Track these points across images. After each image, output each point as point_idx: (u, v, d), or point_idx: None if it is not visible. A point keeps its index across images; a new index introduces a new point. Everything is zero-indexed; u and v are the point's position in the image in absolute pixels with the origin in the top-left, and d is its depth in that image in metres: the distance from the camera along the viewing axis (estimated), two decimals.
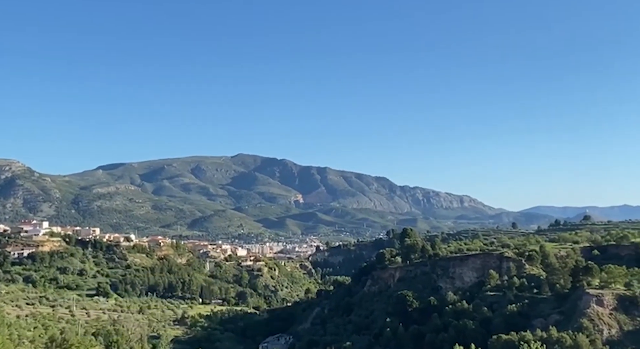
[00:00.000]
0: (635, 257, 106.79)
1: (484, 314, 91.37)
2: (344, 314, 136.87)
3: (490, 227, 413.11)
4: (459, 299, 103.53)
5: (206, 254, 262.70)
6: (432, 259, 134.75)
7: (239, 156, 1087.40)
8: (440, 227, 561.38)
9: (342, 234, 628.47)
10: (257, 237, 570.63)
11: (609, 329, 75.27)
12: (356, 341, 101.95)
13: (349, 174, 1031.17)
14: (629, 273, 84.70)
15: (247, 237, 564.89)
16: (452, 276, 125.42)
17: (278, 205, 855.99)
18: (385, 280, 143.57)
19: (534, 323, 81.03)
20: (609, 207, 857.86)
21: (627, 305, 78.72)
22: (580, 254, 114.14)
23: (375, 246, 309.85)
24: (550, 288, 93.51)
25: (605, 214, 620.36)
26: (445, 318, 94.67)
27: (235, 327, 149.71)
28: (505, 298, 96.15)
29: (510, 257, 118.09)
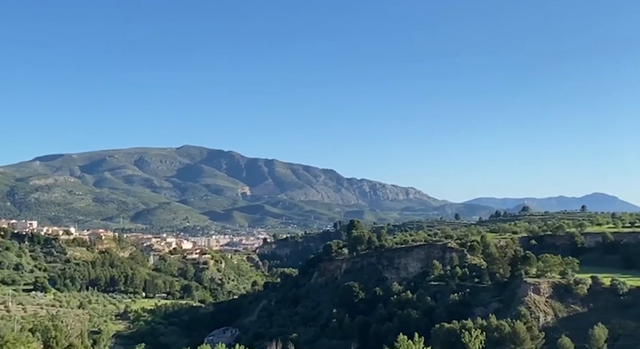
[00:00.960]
0: (569, 247, 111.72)
1: (428, 304, 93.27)
2: (291, 306, 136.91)
3: (434, 218, 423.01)
4: (404, 289, 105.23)
5: (150, 247, 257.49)
6: (378, 251, 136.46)
7: (185, 147, 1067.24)
8: (387, 219, 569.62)
9: (289, 226, 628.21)
10: (203, 230, 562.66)
11: (545, 316, 78.36)
12: (303, 333, 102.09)
13: (297, 166, 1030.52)
14: (563, 261, 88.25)
15: (193, 230, 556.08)
16: (397, 266, 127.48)
17: (225, 197, 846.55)
18: (332, 272, 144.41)
19: (475, 312, 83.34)
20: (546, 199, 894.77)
21: (562, 293, 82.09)
22: (519, 244, 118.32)
23: (322, 238, 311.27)
24: (491, 277, 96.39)
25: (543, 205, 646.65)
26: (390, 308, 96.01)
27: (179, 321, 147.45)
28: (448, 288, 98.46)
29: (453, 247, 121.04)
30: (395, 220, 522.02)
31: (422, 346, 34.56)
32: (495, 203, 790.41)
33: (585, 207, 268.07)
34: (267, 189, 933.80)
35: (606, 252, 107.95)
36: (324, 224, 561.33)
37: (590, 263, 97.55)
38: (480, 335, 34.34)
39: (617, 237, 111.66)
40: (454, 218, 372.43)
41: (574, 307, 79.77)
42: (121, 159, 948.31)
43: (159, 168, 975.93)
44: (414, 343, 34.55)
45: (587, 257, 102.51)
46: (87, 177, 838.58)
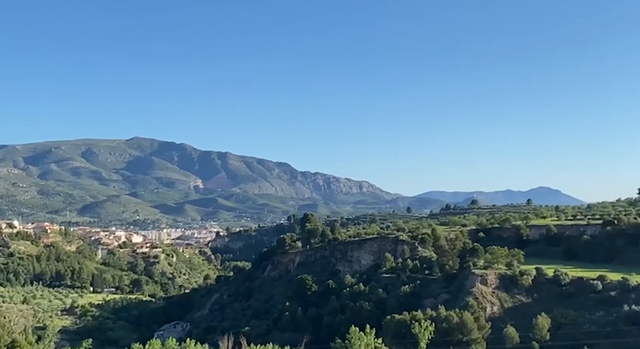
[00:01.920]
0: (515, 239, 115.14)
1: (379, 296, 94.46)
2: (244, 299, 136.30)
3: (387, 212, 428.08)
4: (356, 281, 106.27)
5: (98, 241, 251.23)
6: (332, 244, 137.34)
7: (135, 139, 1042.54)
8: (340, 212, 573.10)
9: (243, 219, 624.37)
10: (154, 224, 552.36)
11: (492, 307, 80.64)
12: (255, 326, 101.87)
13: (251, 160, 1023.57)
14: (510, 253, 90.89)
15: (144, 224, 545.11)
16: (350, 259, 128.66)
17: (177, 190, 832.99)
18: (286, 265, 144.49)
19: (425, 303, 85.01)
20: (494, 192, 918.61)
21: (508, 283, 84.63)
22: (468, 236, 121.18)
23: (276, 232, 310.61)
24: (440, 269, 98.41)
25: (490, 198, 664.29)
26: (343, 301, 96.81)
27: (129, 316, 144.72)
28: (399, 280, 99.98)
29: (405, 240, 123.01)
30: (348, 213, 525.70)
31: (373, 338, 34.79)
32: (446, 197, 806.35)
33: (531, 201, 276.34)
34: (220, 182, 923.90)
35: (550, 244, 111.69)
36: (277, 218, 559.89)
37: (535, 255, 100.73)
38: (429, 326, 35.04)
39: (560, 229, 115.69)
40: (406, 211, 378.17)
41: (519, 297, 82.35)
42: (68, 151, 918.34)
43: (107, 160, 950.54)
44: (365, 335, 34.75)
45: (532, 249, 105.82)
46: (31, 169, 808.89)
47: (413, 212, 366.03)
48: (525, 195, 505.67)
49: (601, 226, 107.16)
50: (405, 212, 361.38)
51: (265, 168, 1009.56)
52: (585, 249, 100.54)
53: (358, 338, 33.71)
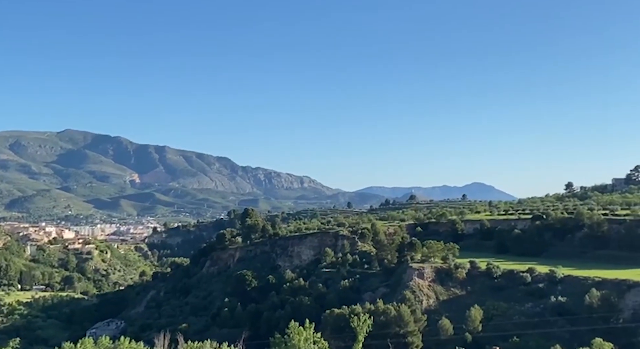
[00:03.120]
0: (451, 233, 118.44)
1: (319, 290, 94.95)
2: (181, 296, 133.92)
3: (327, 207, 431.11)
4: (297, 276, 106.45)
5: (27, 237, 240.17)
6: (272, 239, 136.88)
7: (67, 131, 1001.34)
8: (281, 208, 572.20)
9: (181, 214, 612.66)
10: (87, 219, 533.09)
11: (428, 299, 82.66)
12: (193, 323, 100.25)
13: (190, 154, 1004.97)
14: (445, 247, 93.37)
15: (76, 219, 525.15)
16: (290, 254, 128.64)
17: (111, 185, 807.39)
18: (225, 260, 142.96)
19: (364, 297, 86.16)
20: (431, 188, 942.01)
21: (443, 277, 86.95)
22: (406, 231, 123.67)
23: (215, 227, 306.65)
24: (379, 263, 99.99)
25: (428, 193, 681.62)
26: (283, 296, 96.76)
27: (60, 314, 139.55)
28: (339, 274, 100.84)
29: (345, 235, 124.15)
30: (289, 208, 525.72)
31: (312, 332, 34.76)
32: (386, 192, 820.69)
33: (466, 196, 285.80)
34: (157, 176, 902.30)
35: (483, 238, 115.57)
36: (217, 213, 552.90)
37: (469, 248, 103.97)
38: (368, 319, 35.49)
39: (492, 224, 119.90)
40: (346, 206, 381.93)
41: (454, 290, 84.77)
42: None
43: (37, 153, 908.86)
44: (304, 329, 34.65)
45: (466, 243, 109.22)
46: None
47: (353, 208, 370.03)
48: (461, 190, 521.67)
49: (531, 221, 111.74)
50: (345, 208, 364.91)
51: (205, 163, 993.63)
52: (516, 242, 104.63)
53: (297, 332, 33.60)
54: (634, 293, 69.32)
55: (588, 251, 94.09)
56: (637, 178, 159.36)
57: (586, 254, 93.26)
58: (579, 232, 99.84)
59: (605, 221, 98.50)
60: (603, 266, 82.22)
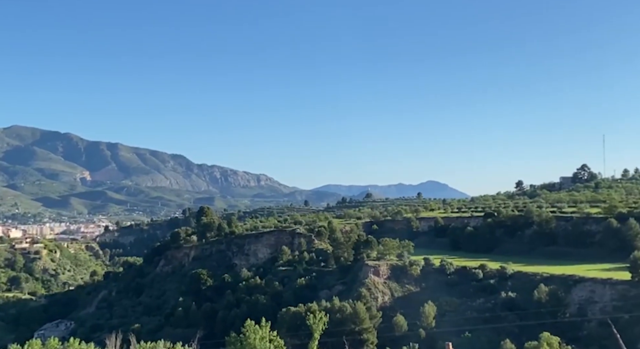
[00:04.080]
0: (406, 231, 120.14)
1: (276, 289, 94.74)
2: (134, 296, 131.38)
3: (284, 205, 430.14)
4: (253, 275, 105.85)
5: None
6: (228, 237, 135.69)
7: (14, 127, 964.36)
8: (238, 206, 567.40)
9: (134, 213, 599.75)
10: (35, 218, 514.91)
11: (383, 296, 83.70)
12: (146, 323, 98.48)
13: (143, 151, 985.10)
14: (401, 244, 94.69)
15: (24, 218, 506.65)
16: (247, 253, 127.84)
17: (61, 183, 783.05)
18: (180, 259, 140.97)
19: (320, 295, 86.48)
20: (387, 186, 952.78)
21: (398, 274, 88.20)
22: (362, 228, 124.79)
23: (170, 226, 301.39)
24: (336, 261, 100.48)
25: (384, 192, 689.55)
26: (239, 294, 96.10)
27: (6, 315, 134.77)
28: (295, 272, 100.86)
29: (302, 233, 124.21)
30: (246, 207, 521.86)
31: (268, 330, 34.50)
32: (342, 190, 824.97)
33: (421, 194, 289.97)
34: (109, 174, 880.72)
35: (437, 235, 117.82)
36: (172, 211, 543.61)
37: (424, 246, 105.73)
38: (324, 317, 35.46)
39: (446, 221, 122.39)
40: (303, 205, 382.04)
41: (409, 287, 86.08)
42: None
43: None
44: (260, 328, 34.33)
45: (421, 240, 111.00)
46: None
47: (310, 206, 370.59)
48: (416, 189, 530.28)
49: (483, 218, 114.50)
50: (302, 206, 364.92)
51: (159, 160, 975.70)
52: (469, 239, 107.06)
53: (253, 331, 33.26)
54: (580, 288, 71.96)
55: (537, 248, 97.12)
56: (583, 177, 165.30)
57: (535, 250, 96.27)
58: (529, 229, 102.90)
59: (553, 218, 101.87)
60: (551, 262, 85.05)
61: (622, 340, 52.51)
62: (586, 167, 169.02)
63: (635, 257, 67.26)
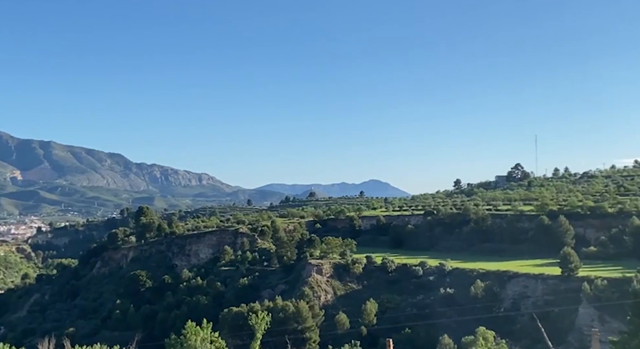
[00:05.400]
0: (349, 229, 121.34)
1: (218, 289, 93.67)
2: (69, 299, 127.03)
3: (227, 204, 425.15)
4: (194, 275, 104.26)
5: None
6: (169, 238, 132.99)
7: None
8: (179, 205, 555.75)
9: (69, 213, 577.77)
10: None
11: (326, 295, 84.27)
12: (81, 327, 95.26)
13: (78, 150, 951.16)
14: (343, 243, 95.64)
15: None
16: (188, 253, 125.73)
17: None
18: (117, 261, 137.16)
19: (263, 294, 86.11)
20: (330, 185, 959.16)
21: (341, 272, 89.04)
22: (306, 227, 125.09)
23: (107, 226, 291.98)
24: (279, 260, 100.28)
25: (327, 191, 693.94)
26: (179, 296, 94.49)
27: None
28: (238, 272, 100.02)
29: (245, 232, 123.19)
30: (187, 206, 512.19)
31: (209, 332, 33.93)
32: (286, 189, 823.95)
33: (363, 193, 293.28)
34: (42, 173, 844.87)
35: (379, 233, 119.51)
36: (109, 212, 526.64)
37: (366, 244, 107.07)
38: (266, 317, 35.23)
39: (388, 220, 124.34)
40: (246, 204, 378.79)
41: (351, 285, 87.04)
42: None
43: None
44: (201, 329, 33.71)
45: (363, 239, 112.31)
46: None
47: (253, 205, 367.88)
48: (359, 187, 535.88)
49: (423, 216, 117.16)
50: (245, 205, 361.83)
51: (95, 159, 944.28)
52: (410, 237, 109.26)
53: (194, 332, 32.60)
54: (514, 283, 74.83)
55: (474, 244, 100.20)
56: (517, 176, 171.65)
57: (472, 247, 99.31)
58: (466, 226, 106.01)
59: (489, 216, 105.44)
60: (487, 258, 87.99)
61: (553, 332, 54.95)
62: (520, 167, 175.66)
63: (565, 253, 70.52)
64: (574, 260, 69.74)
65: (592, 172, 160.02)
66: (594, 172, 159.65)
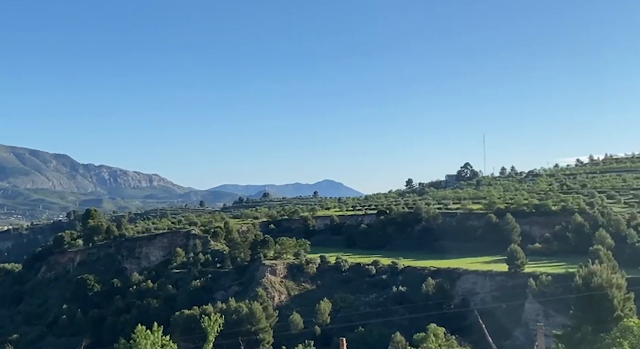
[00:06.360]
0: (303, 229, 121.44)
1: (169, 292, 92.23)
2: (12, 305, 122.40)
3: (179, 205, 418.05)
4: (144, 279, 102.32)
5: None
6: (118, 240, 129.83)
7: None
8: (128, 207, 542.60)
9: (12, 216, 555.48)
10: None
11: (280, 295, 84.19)
12: (26, 333, 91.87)
13: (22, 151, 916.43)
14: (297, 243, 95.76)
15: None
16: (138, 256, 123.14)
17: None
18: (64, 265, 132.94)
19: (216, 296, 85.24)
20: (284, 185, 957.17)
21: (295, 272, 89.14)
22: (259, 228, 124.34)
23: (53, 229, 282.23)
24: (232, 262, 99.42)
25: (281, 191, 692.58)
26: (129, 299, 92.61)
27: None
28: (190, 274, 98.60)
29: (197, 234, 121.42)
30: (137, 208, 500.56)
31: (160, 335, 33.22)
32: (239, 190, 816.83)
33: (317, 193, 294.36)
34: None
35: (333, 233, 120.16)
36: (55, 214, 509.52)
37: (320, 243, 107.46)
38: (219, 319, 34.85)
39: (342, 219, 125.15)
40: (199, 205, 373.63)
41: (305, 285, 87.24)
42: None
43: None
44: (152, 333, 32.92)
45: (317, 238, 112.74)
46: None
47: (206, 206, 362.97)
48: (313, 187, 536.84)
49: (376, 216, 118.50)
50: (198, 206, 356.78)
51: (40, 160, 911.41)
52: (363, 236, 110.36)
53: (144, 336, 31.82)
54: (463, 280, 76.72)
55: (425, 243, 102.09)
56: (466, 175, 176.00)
57: (424, 245, 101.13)
58: (418, 225, 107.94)
59: (439, 214, 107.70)
60: (438, 256, 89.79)
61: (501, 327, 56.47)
62: (469, 166, 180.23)
63: (512, 250, 72.78)
64: (520, 257, 72.08)
65: (537, 171, 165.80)
66: (538, 171, 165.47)
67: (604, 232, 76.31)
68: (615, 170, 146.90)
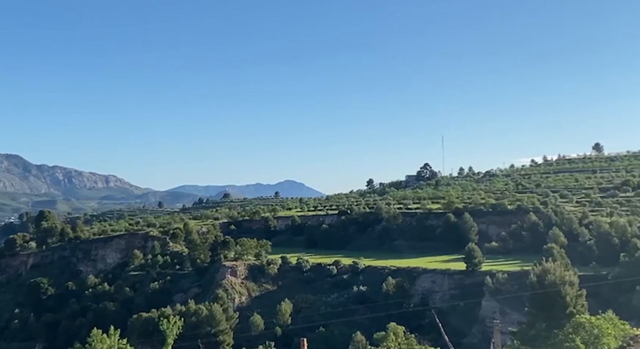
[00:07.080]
0: (264, 230, 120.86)
1: (126, 295, 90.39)
2: None
3: (136, 207, 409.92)
4: (101, 281, 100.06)
5: None
6: (73, 243, 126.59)
7: None
8: (84, 209, 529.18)
9: None
10: None
11: (240, 297, 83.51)
12: None
13: None
14: (258, 244, 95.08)
15: None
16: (94, 258, 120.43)
17: None
18: (16, 268, 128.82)
19: (175, 298, 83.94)
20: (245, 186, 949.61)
21: (256, 273, 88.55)
22: (220, 229, 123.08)
23: (4, 232, 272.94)
24: (192, 263, 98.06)
25: (242, 191, 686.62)
26: (85, 303, 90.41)
27: None
28: (148, 277, 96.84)
29: (156, 236, 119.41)
30: (93, 210, 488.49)
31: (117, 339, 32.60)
32: (199, 191, 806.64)
33: (279, 194, 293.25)
34: None
35: (294, 233, 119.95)
36: (6, 216, 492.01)
37: (281, 244, 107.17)
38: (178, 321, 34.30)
39: (303, 220, 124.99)
40: (157, 206, 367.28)
41: (266, 286, 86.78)
42: None
43: None
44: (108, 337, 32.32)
45: (279, 239, 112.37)
46: None
47: (165, 207, 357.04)
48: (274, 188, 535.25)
49: (337, 216, 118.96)
50: (156, 207, 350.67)
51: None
52: (324, 237, 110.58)
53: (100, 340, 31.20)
54: (423, 279, 77.79)
55: (386, 242, 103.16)
56: (425, 175, 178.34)
57: (384, 245, 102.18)
58: (378, 225, 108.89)
59: (399, 214, 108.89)
60: (398, 255, 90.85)
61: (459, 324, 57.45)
62: (428, 166, 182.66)
63: (469, 249, 74.24)
64: (478, 255, 73.60)
65: (493, 172, 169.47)
66: (495, 172, 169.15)
67: (557, 231, 78.75)
68: (567, 170, 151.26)
